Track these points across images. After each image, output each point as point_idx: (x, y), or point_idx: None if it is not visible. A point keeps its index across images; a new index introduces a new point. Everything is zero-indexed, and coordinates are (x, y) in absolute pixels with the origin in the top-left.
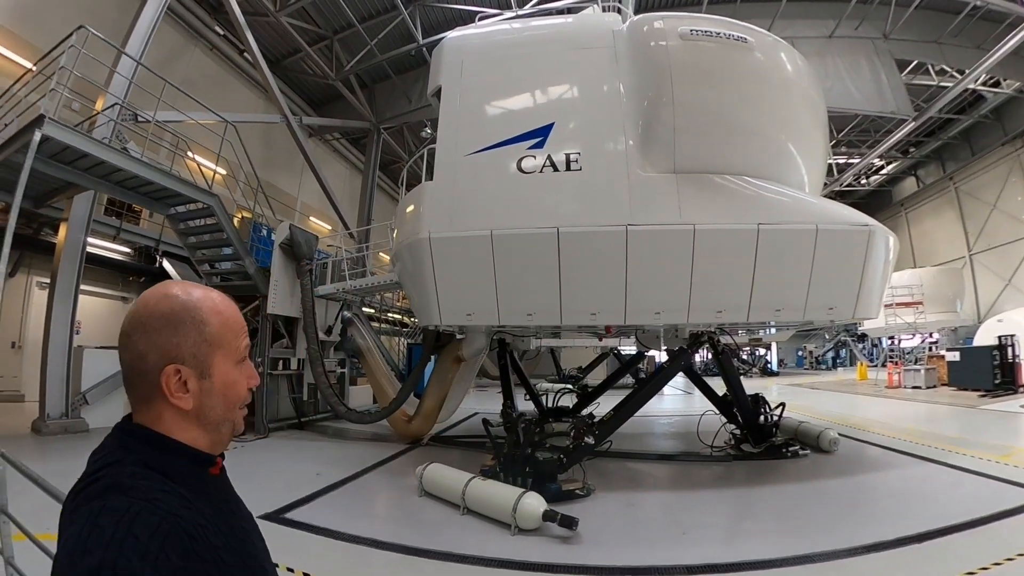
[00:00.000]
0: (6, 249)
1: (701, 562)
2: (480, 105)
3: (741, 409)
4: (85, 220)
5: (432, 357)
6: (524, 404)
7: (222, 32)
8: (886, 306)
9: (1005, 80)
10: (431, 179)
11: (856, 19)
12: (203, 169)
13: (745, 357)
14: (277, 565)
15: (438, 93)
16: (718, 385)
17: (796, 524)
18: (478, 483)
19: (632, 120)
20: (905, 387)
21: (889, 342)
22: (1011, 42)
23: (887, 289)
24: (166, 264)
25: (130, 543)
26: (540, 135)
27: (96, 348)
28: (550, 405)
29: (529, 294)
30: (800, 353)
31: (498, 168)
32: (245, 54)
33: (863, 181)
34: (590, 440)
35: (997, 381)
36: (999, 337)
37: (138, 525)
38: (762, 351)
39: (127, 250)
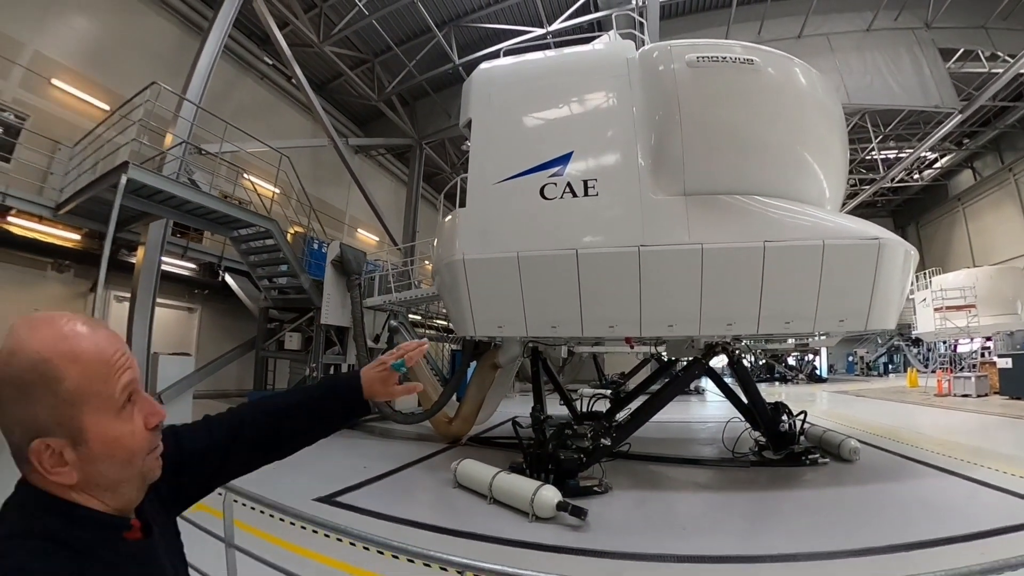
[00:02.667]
0: (102, 272)
1: (690, 553)
2: (506, 136)
3: (760, 416)
4: (160, 243)
5: (472, 364)
6: (560, 409)
7: (271, 62)
8: (936, 310)
9: None
10: (463, 206)
11: (895, 9)
12: (260, 190)
13: (792, 363)
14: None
15: (469, 124)
16: (769, 392)
17: (792, 527)
18: (503, 476)
19: (644, 147)
20: (955, 395)
21: (944, 347)
22: None
23: (938, 292)
24: (228, 278)
25: None
26: (560, 163)
27: (168, 354)
28: (585, 410)
29: (553, 309)
30: (851, 359)
31: (523, 195)
32: (293, 81)
33: (915, 176)
34: (607, 442)
35: None
36: None
37: None
38: (810, 357)
39: (192, 266)
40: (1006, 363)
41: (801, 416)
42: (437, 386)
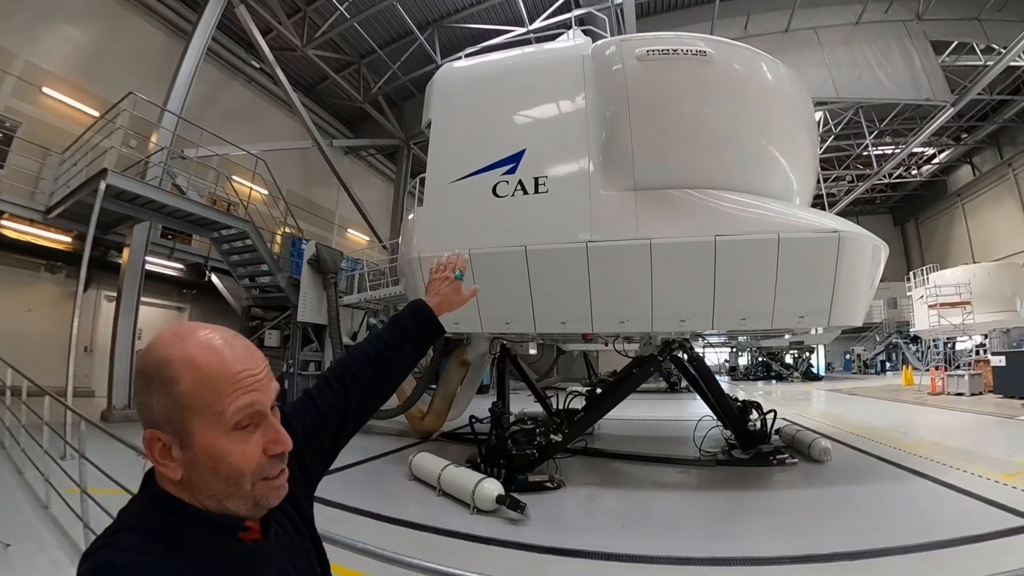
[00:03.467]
0: (83, 272)
1: (617, 551)
2: (462, 136)
3: (726, 415)
4: (144, 244)
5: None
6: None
7: (258, 66)
8: (930, 307)
9: None
10: (421, 205)
11: (885, 1)
12: (246, 190)
13: (789, 361)
14: None
15: (430, 125)
16: (766, 390)
17: (737, 529)
18: (451, 469)
19: (595, 143)
20: (948, 393)
21: (945, 344)
22: None
23: (932, 289)
24: (214, 278)
25: None
26: (513, 161)
27: None
28: (562, 407)
29: (505, 305)
30: (848, 357)
31: (476, 193)
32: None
33: (914, 172)
34: (557, 438)
35: None
36: None
37: None
38: (807, 354)
39: (180, 266)
40: (1000, 361)
41: (771, 415)
42: (411, 380)
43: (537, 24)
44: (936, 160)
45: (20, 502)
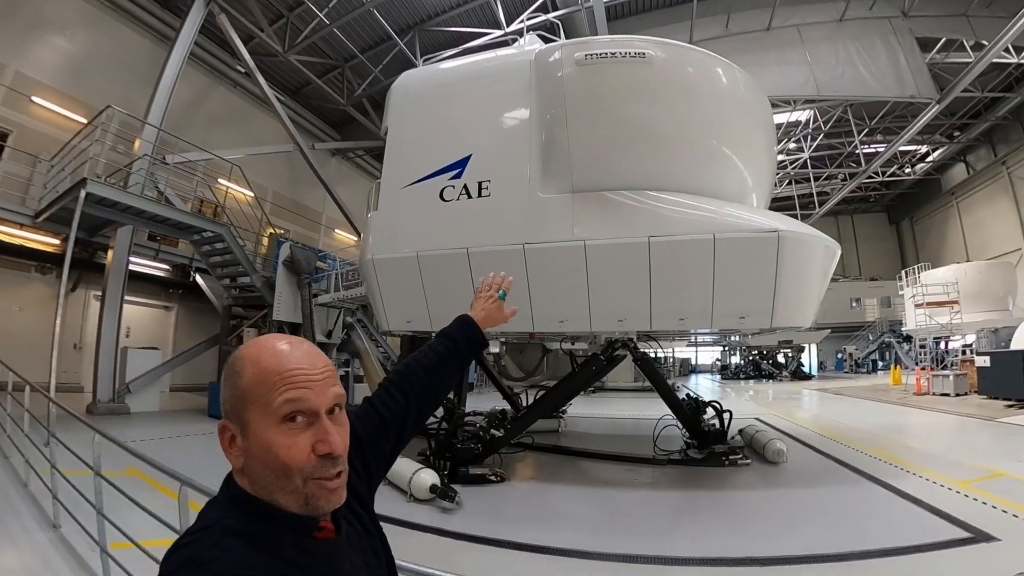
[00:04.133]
0: (65, 272)
1: (531, 543)
2: (415, 142)
3: (677, 414)
4: (127, 247)
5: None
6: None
7: (243, 70)
8: (917, 306)
9: None
10: (377, 209)
11: None
12: (233, 192)
13: (782, 360)
14: None
15: (387, 132)
16: (757, 389)
17: (666, 527)
18: (396, 460)
19: (536, 147)
20: (933, 394)
21: (926, 344)
22: None
23: (919, 288)
24: (199, 278)
25: None
26: (460, 167)
27: (138, 348)
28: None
29: (451, 305)
30: (840, 356)
31: (425, 198)
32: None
33: (907, 170)
34: (499, 433)
35: None
36: None
37: None
38: (796, 353)
39: (167, 267)
40: (984, 361)
41: (727, 414)
42: (382, 373)
43: (514, 27)
44: (930, 158)
45: (3, 481)
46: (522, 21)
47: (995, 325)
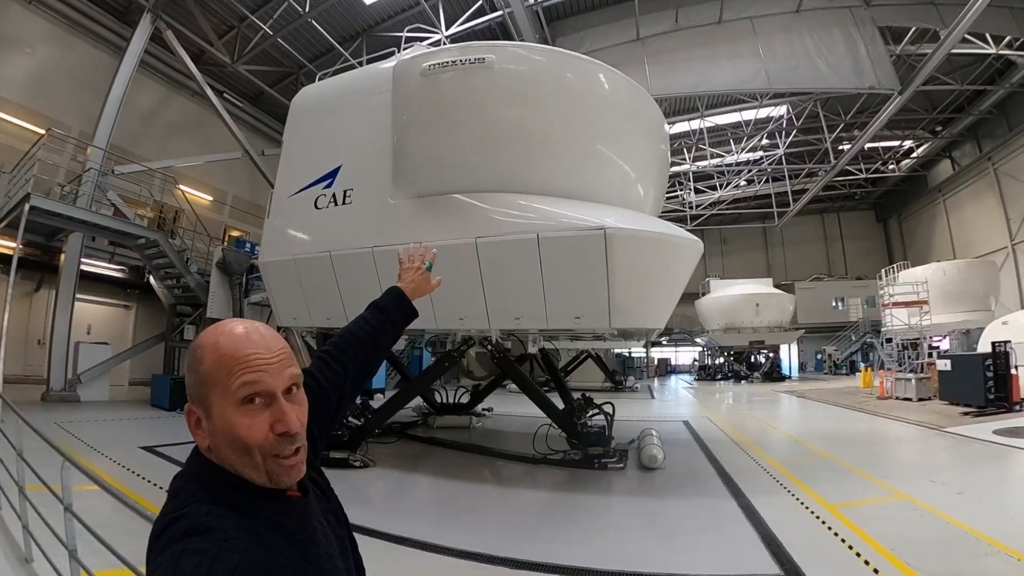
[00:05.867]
0: (12, 274)
1: (363, 525)
2: (300, 154)
3: (549, 415)
4: (79, 249)
5: None
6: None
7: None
8: (884, 305)
9: None
10: (269, 217)
11: None
12: (192, 197)
13: (762, 360)
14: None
15: (283, 145)
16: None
17: (469, 520)
18: None
19: (390, 156)
20: (896, 398)
21: (891, 345)
22: None
23: (887, 288)
24: (151, 279)
25: None
26: (330, 177)
27: (89, 343)
28: (452, 401)
29: (323, 303)
30: (819, 356)
31: (303, 206)
32: (225, 95)
33: (891, 166)
34: (357, 422)
35: (991, 396)
36: (993, 344)
37: (218, 565)
38: (772, 354)
39: (124, 268)
40: (945, 365)
41: (606, 415)
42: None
43: (453, 30)
44: (914, 154)
45: None
46: (461, 24)
47: (973, 326)
